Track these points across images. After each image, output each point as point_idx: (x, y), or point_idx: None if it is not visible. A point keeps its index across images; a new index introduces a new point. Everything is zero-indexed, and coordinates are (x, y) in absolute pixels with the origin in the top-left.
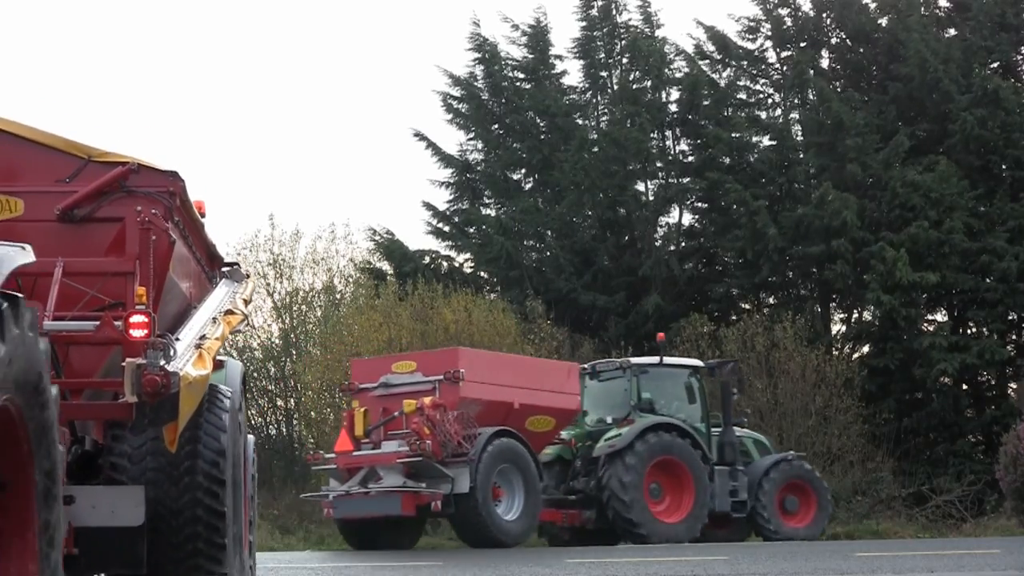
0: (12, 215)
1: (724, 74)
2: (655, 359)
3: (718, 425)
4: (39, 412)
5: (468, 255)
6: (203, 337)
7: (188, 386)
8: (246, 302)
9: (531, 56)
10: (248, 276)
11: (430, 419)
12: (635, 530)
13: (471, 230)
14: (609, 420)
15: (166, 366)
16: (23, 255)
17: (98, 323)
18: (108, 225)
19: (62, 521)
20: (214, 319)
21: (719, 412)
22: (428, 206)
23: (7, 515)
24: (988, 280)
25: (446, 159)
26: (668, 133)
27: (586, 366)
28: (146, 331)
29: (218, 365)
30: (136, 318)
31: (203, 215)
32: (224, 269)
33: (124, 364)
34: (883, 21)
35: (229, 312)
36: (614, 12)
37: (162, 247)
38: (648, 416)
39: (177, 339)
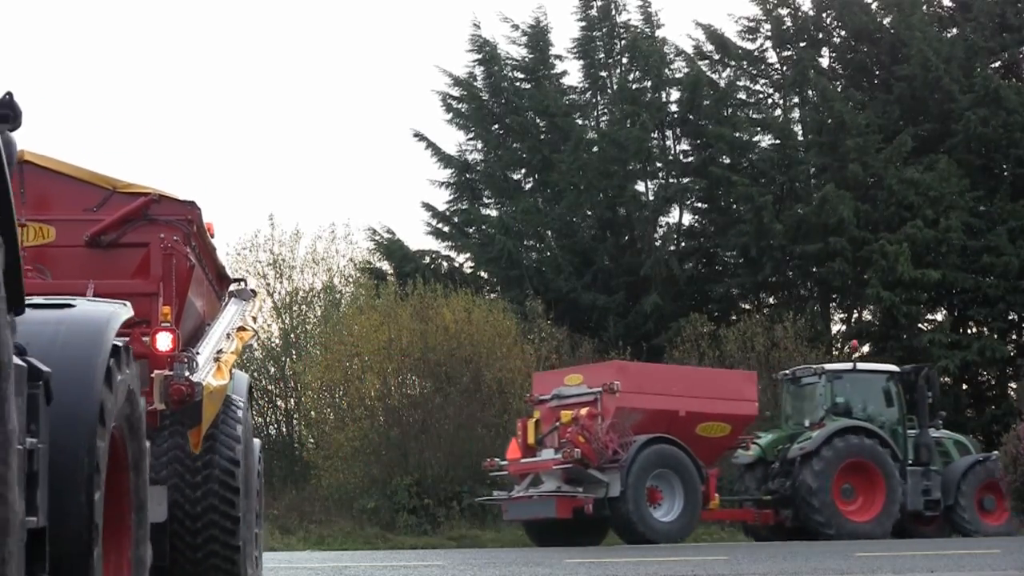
0: (45, 241)
1: (724, 74)
2: (849, 365)
3: (915, 428)
4: (136, 437)
5: (468, 255)
6: (220, 351)
7: (209, 395)
8: (254, 319)
9: (531, 56)
10: (255, 294)
11: (585, 428)
12: (825, 529)
13: (471, 230)
14: (806, 424)
15: (191, 377)
16: (125, 311)
17: (127, 339)
18: (133, 250)
19: (147, 521)
20: (228, 335)
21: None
22: (428, 206)
23: (113, 517)
24: (989, 279)
25: (446, 159)
26: (668, 133)
27: (787, 372)
28: (171, 346)
29: None
30: (162, 334)
31: (213, 236)
32: (232, 288)
33: (153, 376)
34: (886, 20)
35: (241, 328)
36: (614, 12)
37: (183, 270)
38: (840, 420)
39: (197, 353)
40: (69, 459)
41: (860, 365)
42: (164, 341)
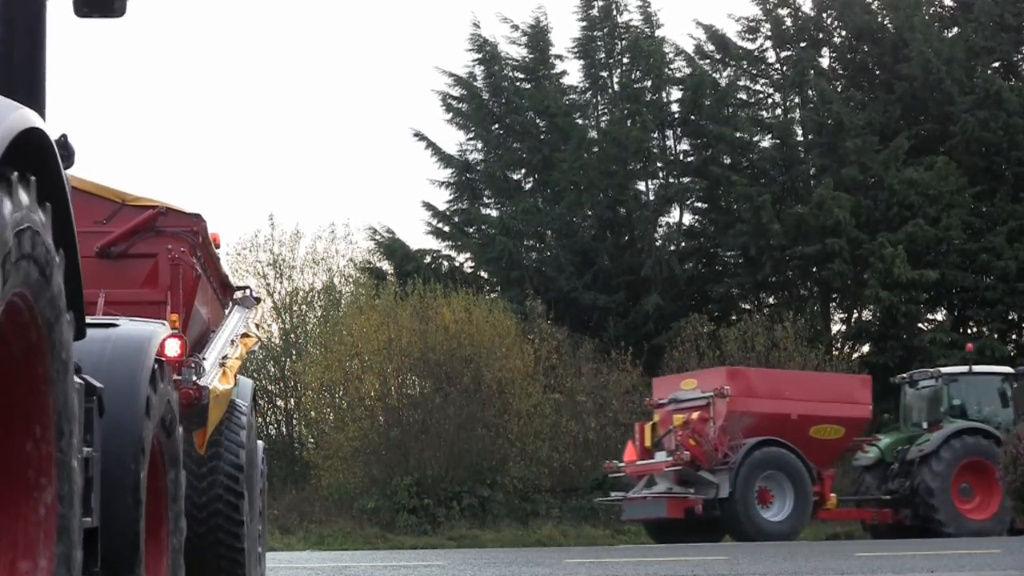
0: None
1: (724, 74)
2: (965, 368)
3: None
4: (171, 443)
5: (468, 255)
6: (225, 357)
7: (215, 399)
8: (257, 326)
9: (531, 56)
10: (258, 301)
11: (696, 432)
12: (944, 528)
13: (471, 230)
14: (924, 425)
15: (198, 382)
16: (164, 330)
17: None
18: (142, 260)
19: (182, 517)
20: (233, 341)
21: None
22: (428, 206)
23: (152, 514)
24: (988, 279)
25: (446, 159)
26: (668, 133)
27: (904, 375)
28: (179, 352)
29: None
30: (171, 341)
31: (217, 246)
32: (236, 295)
33: None
34: (887, 21)
35: (245, 335)
36: (614, 12)
37: (189, 279)
38: (957, 421)
39: (204, 359)
40: (118, 466)
41: (975, 368)
42: (172, 347)
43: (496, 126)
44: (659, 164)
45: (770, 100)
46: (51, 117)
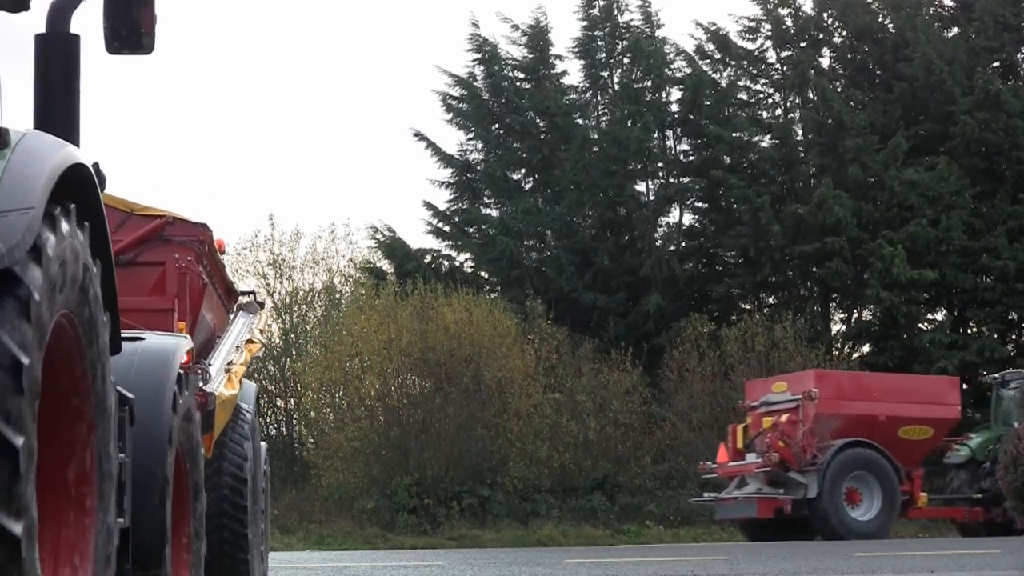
0: None
1: (724, 74)
2: None
3: None
4: (193, 446)
5: (468, 255)
6: (231, 363)
7: (221, 404)
8: (262, 331)
9: (531, 56)
10: (262, 306)
11: (785, 434)
12: None
13: (471, 230)
14: (1015, 424)
15: (205, 388)
16: (187, 343)
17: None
18: (150, 269)
19: (203, 516)
20: (237, 347)
21: None
22: (428, 206)
23: (176, 514)
24: (988, 279)
25: (446, 159)
26: (669, 133)
27: (996, 376)
28: (186, 359)
29: None
30: None
31: (222, 252)
32: (241, 300)
33: None
34: (887, 21)
35: (249, 341)
36: (615, 12)
37: (196, 287)
38: None
39: (210, 364)
40: (146, 470)
41: None
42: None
43: (496, 126)
44: (659, 164)
45: (770, 100)
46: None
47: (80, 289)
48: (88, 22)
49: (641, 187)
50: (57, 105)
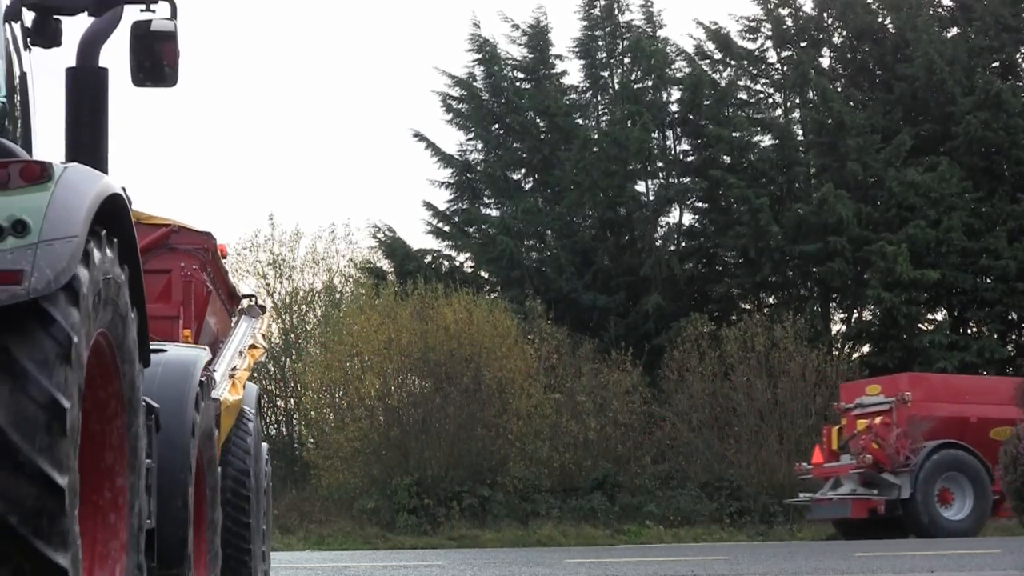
0: None
1: (724, 74)
2: None
3: None
4: (211, 451)
5: (468, 255)
6: (234, 368)
7: (226, 409)
8: (264, 335)
9: (531, 56)
10: (264, 310)
11: (879, 436)
12: None
13: (471, 230)
14: None
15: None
16: (205, 355)
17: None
18: (155, 277)
19: (219, 517)
20: (240, 352)
21: None
22: (428, 206)
23: (196, 518)
24: (988, 280)
25: (446, 159)
26: (669, 133)
27: None
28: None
29: None
30: None
31: (224, 256)
32: (244, 304)
33: None
34: (887, 21)
35: (252, 346)
36: (616, 12)
37: (200, 294)
38: None
39: (214, 371)
40: (170, 475)
41: None
42: None
43: (496, 126)
44: (659, 164)
45: (770, 100)
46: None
47: (115, 309)
48: (115, 56)
49: (641, 187)
50: (87, 135)
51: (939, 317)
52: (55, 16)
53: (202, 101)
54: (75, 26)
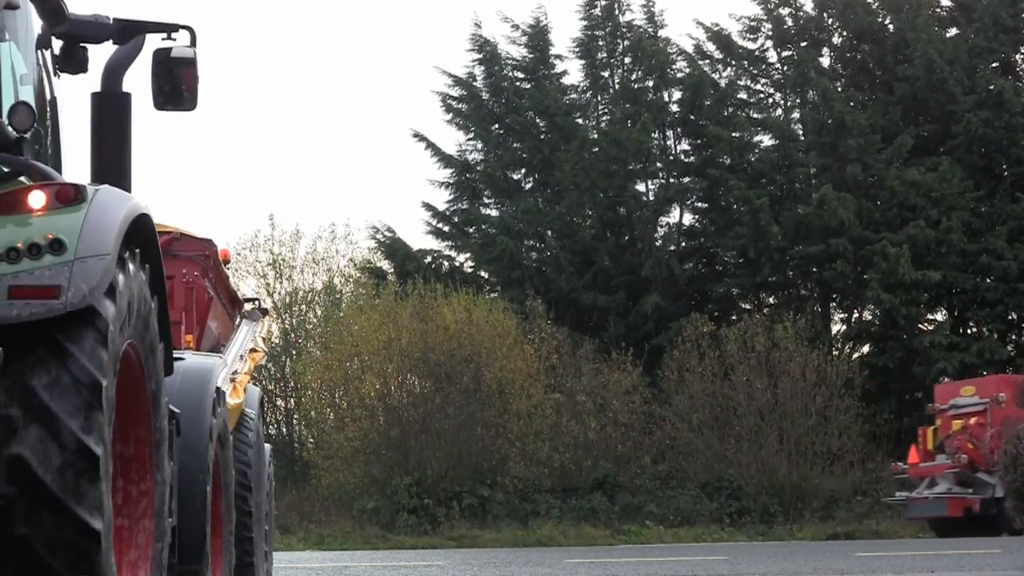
0: None
1: (725, 74)
2: None
3: None
4: (226, 452)
5: (468, 255)
6: (236, 372)
7: (228, 412)
8: (265, 340)
9: (531, 56)
10: (265, 313)
11: (973, 436)
12: None
13: (471, 230)
14: None
15: None
16: (221, 363)
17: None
18: None
19: (234, 514)
20: (241, 356)
21: None
22: (428, 206)
23: (216, 515)
24: (988, 280)
25: (446, 159)
26: (669, 133)
27: None
28: None
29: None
30: None
31: (227, 262)
32: (246, 308)
33: None
34: (888, 21)
35: (253, 350)
36: (617, 12)
37: (202, 300)
38: None
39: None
40: (190, 476)
41: None
42: None
43: (496, 126)
44: (659, 164)
45: (770, 100)
46: None
47: (142, 322)
48: (137, 82)
49: (641, 187)
50: (111, 157)
51: (939, 317)
52: (82, 44)
53: (202, 101)
54: (100, 53)
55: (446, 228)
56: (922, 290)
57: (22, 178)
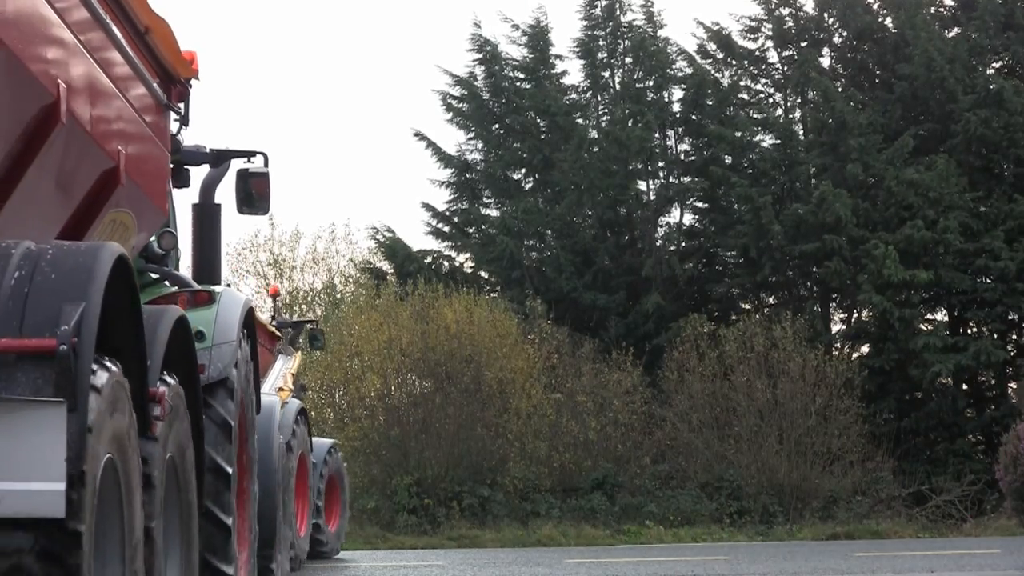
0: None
1: (726, 74)
2: None
3: None
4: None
5: (468, 255)
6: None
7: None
8: (294, 376)
9: (531, 56)
10: (298, 350)
11: None
12: None
13: (471, 230)
14: None
15: None
16: (278, 401)
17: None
18: None
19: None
20: (280, 388)
21: None
22: (428, 206)
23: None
24: (987, 280)
25: (446, 159)
26: (670, 133)
27: None
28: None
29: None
30: None
31: (277, 295)
32: (280, 344)
33: None
34: (888, 21)
35: (280, 389)
36: (617, 12)
37: (264, 357)
38: None
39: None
40: (265, 490)
41: None
42: None
43: (496, 126)
44: (660, 164)
45: (771, 100)
46: None
47: (249, 381)
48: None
49: (642, 187)
50: (208, 253)
51: (939, 318)
52: (186, 167)
53: (203, 101)
54: (198, 173)
55: (446, 228)
56: (913, 290)
57: (166, 283)
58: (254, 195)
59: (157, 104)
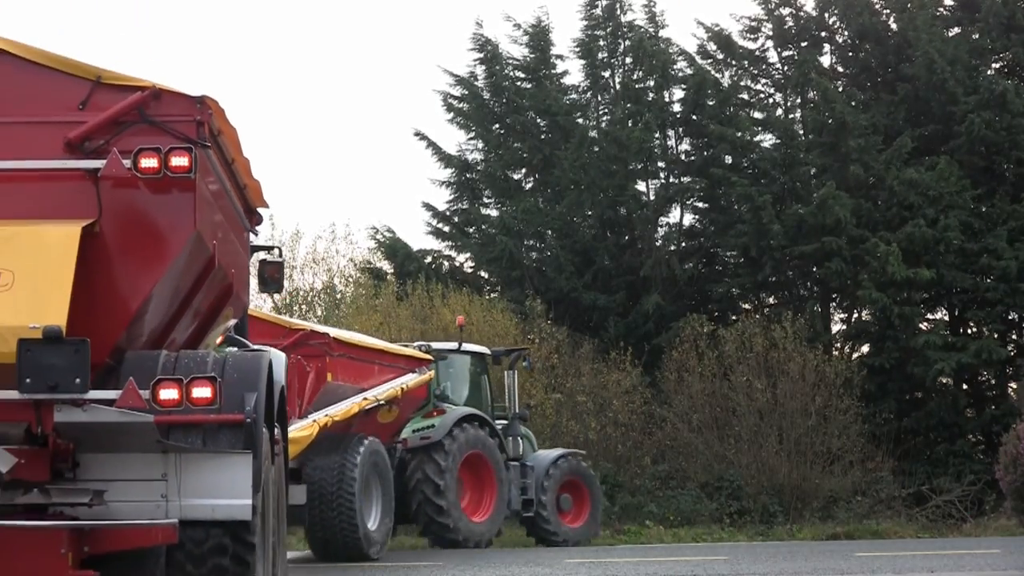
0: None
1: (726, 74)
2: None
3: None
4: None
5: (468, 255)
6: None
7: (293, 440)
8: (404, 389)
9: (532, 56)
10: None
11: None
12: None
13: (471, 230)
14: None
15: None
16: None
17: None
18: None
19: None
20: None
21: None
22: (428, 206)
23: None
24: (988, 280)
25: (446, 159)
26: (670, 132)
27: None
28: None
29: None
30: None
31: (462, 327)
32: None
33: None
34: (890, 21)
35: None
36: (618, 12)
37: (314, 377)
38: None
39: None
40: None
41: None
42: None
43: (497, 126)
44: (660, 164)
45: (771, 100)
46: None
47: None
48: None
49: (642, 187)
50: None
51: (939, 317)
52: None
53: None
54: None
55: (446, 228)
56: (916, 289)
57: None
58: (269, 278)
59: (246, 231)
